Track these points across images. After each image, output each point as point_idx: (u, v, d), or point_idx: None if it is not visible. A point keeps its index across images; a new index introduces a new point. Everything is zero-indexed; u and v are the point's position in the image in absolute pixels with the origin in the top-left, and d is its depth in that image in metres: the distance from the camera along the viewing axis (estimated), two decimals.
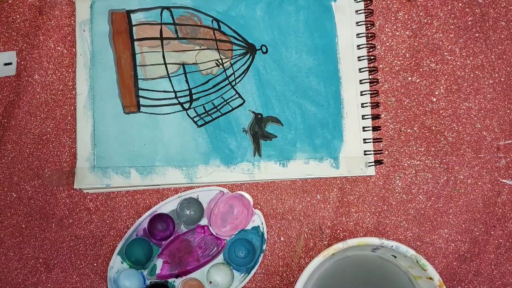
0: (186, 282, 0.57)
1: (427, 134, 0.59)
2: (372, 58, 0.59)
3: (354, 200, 0.59)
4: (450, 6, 0.60)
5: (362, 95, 0.59)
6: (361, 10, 0.59)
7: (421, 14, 0.60)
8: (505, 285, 0.59)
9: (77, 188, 0.57)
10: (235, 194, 0.58)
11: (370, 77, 0.59)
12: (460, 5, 0.60)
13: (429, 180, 0.59)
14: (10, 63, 0.58)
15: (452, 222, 0.59)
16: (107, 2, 0.58)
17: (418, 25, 0.60)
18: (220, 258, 0.58)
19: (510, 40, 0.60)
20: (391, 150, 0.59)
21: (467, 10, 0.60)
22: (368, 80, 0.59)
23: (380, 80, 0.60)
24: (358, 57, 0.59)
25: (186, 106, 0.58)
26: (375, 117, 0.59)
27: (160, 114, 0.58)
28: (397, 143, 0.59)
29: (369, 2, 0.60)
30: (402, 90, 0.60)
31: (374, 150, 0.58)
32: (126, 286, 0.56)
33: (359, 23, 0.59)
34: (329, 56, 0.59)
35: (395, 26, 0.60)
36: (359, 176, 0.59)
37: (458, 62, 0.60)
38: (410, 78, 0.60)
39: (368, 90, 0.59)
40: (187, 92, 0.58)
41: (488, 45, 0.60)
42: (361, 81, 0.59)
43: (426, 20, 0.60)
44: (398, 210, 0.59)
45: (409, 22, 0.60)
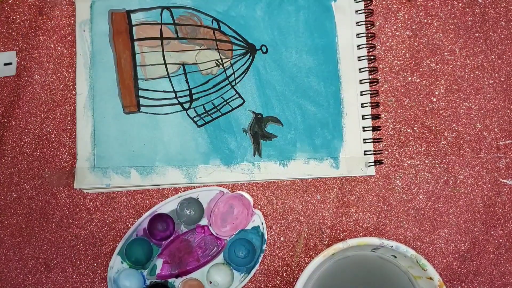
0: (186, 282, 0.57)
1: (427, 134, 0.59)
2: (372, 58, 0.59)
3: (354, 200, 0.59)
4: (450, 6, 0.60)
5: (362, 95, 0.59)
6: (361, 10, 0.59)
7: (421, 14, 0.60)
8: (505, 285, 0.59)
9: (77, 188, 0.57)
10: (235, 194, 0.58)
11: (370, 77, 0.59)
12: (460, 5, 0.60)
13: (429, 180, 0.59)
14: (10, 63, 0.58)
15: (452, 222, 0.59)
16: (107, 2, 0.58)
17: (418, 25, 0.60)
18: (220, 258, 0.58)
19: (510, 40, 0.60)
20: (391, 150, 0.59)
21: (467, 10, 0.60)
22: (368, 80, 0.59)
23: (380, 80, 0.60)
24: (358, 57, 0.59)
25: (186, 106, 0.58)
26: (375, 117, 0.59)
27: (160, 114, 0.58)
28: (397, 143, 0.59)
29: (369, 2, 0.60)
30: (402, 90, 0.60)
31: (374, 150, 0.58)
32: (126, 286, 0.56)
33: (359, 23, 0.59)
34: (329, 56, 0.59)
35: (395, 26, 0.60)
36: (359, 176, 0.59)
37: (458, 62, 0.60)
38: (410, 78, 0.60)
39: (368, 90, 0.59)
40: (187, 92, 0.58)
41: (488, 45, 0.60)
42: (361, 81, 0.59)
43: (426, 20, 0.60)
44: (398, 210, 0.59)
45: (409, 22, 0.60)
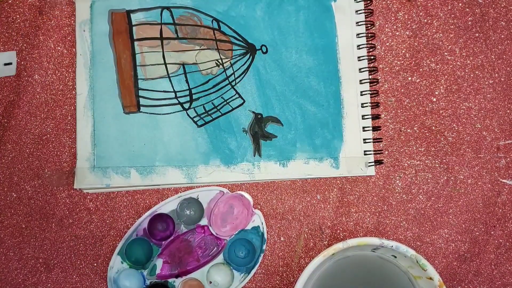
0: (186, 282, 0.57)
1: (427, 134, 0.59)
2: (372, 58, 0.59)
3: (354, 200, 0.59)
4: (450, 6, 0.60)
5: (362, 95, 0.59)
6: (361, 10, 0.59)
7: (421, 14, 0.60)
8: (505, 285, 0.59)
9: (77, 188, 0.57)
10: (235, 194, 0.58)
11: (370, 77, 0.59)
12: (460, 5, 0.60)
13: (429, 180, 0.59)
14: (10, 63, 0.58)
15: (452, 222, 0.59)
16: (107, 2, 0.58)
17: (418, 25, 0.60)
18: (220, 258, 0.58)
19: (510, 40, 0.60)
20: (391, 150, 0.59)
21: (467, 10, 0.60)
22: (368, 80, 0.59)
23: (380, 80, 0.60)
24: (358, 57, 0.59)
25: (186, 106, 0.58)
26: (375, 117, 0.59)
27: (160, 114, 0.58)
28: (397, 143, 0.59)
29: (369, 2, 0.60)
30: (402, 90, 0.60)
31: (374, 150, 0.58)
32: (126, 286, 0.56)
33: (359, 23, 0.59)
34: (329, 56, 0.59)
35: (395, 26, 0.60)
36: (359, 176, 0.59)
37: (458, 62, 0.60)
38: (410, 78, 0.60)
39: (368, 90, 0.59)
40: (187, 92, 0.58)
41: (488, 45, 0.60)
42: (361, 81, 0.59)
43: (426, 20, 0.60)
44: (398, 210, 0.59)
45: (409, 22, 0.60)
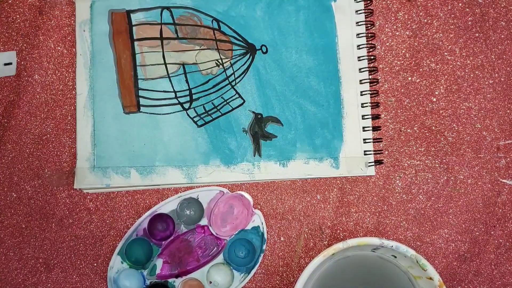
0: (186, 282, 0.57)
1: (427, 134, 0.59)
2: (372, 58, 0.59)
3: (354, 200, 0.59)
4: (450, 6, 0.60)
5: (362, 95, 0.59)
6: (361, 10, 0.59)
7: (421, 14, 0.60)
8: (505, 285, 0.59)
9: (77, 188, 0.57)
10: (235, 194, 0.58)
11: (370, 77, 0.59)
12: (460, 5, 0.60)
13: (429, 180, 0.59)
14: (10, 63, 0.58)
15: (452, 222, 0.59)
16: (107, 2, 0.58)
17: (418, 25, 0.60)
18: (220, 258, 0.58)
19: (510, 40, 0.60)
20: (391, 150, 0.59)
21: (467, 10, 0.60)
22: (368, 80, 0.59)
23: (380, 80, 0.60)
24: (358, 57, 0.59)
25: (186, 106, 0.58)
26: (375, 117, 0.59)
27: (160, 114, 0.58)
28: (397, 143, 0.59)
29: (369, 2, 0.60)
30: (402, 90, 0.60)
31: (374, 150, 0.58)
32: (126, 286, 0.56)
33: (359, 23, 0.59)
34: (329, 56, 0.59)
35: (395, 26, 0.60)
36: (359, 176, 0.59)
37: (458, 62, 0.60)
38: (410, 78, 0.60)
39: (368, 90, 0.59)
40: (187, 92, 0.58)
41: (488, 45, 0.60)
42: (361, 81, 0.59)
43: (426, 20, 0.60)
44: (398, 210, 0.59)
45: (409, 22, 0.60)
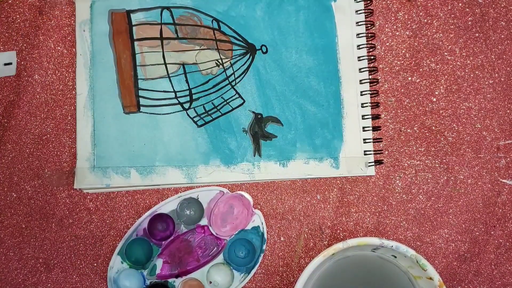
0: (186, 282, 0.57)
1: (427, 134, 0.59)
2: (372, 58, 0.59)
3: (354, 200, 0.59)
4: (450, 6, 0.60)
5: (362, 95, 0.59)
6: (361, 10, 0.59)
7: (421, 14, 0.60)
8: (505, 285, 0.59)
9: (77, 188, 0.57)
10: (235, 194, 0.58)
11: (370, 77, 0.59)
12: (460, 5, 0.60)
13: (429, 180, 0.59)
14: (10, 63, 0.58)
15: (452, 222, 0.59)
16: (107, 2, 0.58)
17: (418, 25, 0.60)
18: (220, 258, 0.58)
19: (510, 40, 0.60)
20: (391, 150, 0.59)
21: (467, 10, 0.60)
22: (368, 80, 0.59)
23: (380, 80, 0.60)
24: (358, 57, 0.59)
25: (186, 106, 0.58)
26: (375, 117, 0.59)
27: (160, 114, 0.58)
28: (397, 143, 0.59)
29: (369, 2, 0.60)
30: (402, 90, 0.60)
31: (374, 150, 0.58)
32: (126, 286, 0.56)
33: (359, 23, 0.59)
34: (329, 56, 0.59)
35: (395, 26, 0.60)
36: (359, 176, 0.59)
37: (458, 62, 0.60)
38: (410, 78, 0.60)
39: (368, 90, 0.59)
40: (187, 92, 0.58)
41: (488, 45, 0.60)
42: (361, 81, 0.59)
43: (426, 20, 0.60)
44: (398, 210, 0.59)
45: (409, 22, 0.60)
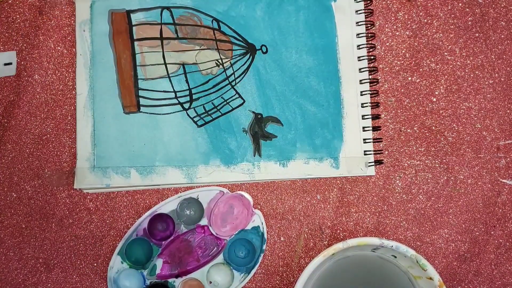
0: (186, 282, 0.57)
1: (427, 134, 0.59)
2: (372, 58, 0.59)
3: (354, 200, 0.59)
4: (450, 6, 0.60)
5: (362, 95, 0.59)
6: (361, 10, 0.59)
7: (421, 14, 0.60)
8: (505, 285, 0.59)
9: (77, 188, 0.57)
10: (235, 194, 0.58)
11: (370, 77, 0.59)
12: (460, 5, 0.60)
13: (429, 180, 0.59)
14: (10, 63, 0.58)
15: (452, 222, 0.59)
16: (107, 2, 0.58)
17: (418, 25, 0.60)
18: (220, 258, 0.58)
19: (510, 40, 0.60)
20: (391, 150, 0.59)
21: (467, 10, 0.60)
22: (368, 80, 0.59)
23: (380, 80, 0.60)
24: (358, 57, 0.59)
25: (186, 106, 0.58)
26: (375, 117, 0.59)
27: (160, 114, 0.58)
28: (397, 143, 0.59)
29: (369, 2, 0.60)
30: (402, 90, 0.60)
31: (374, 150, 0.58)
32: (126, 286, 0.56)
33: (359, 23, 0.59)
34: (329, 56, 0.59)
35: (395, 26, 0.60)
36: (359, 176, 0.59)
37: (458, 62, 0.60)
38: (410, 78, 0.60)
39: (368, 90, 0.59)
40: (187, 92, 0.58)
41: (488, 45, 0.60)
42: (361, 81, 0.59)
43: (426, 20, 0.60)
44: (398, 210, 0.59)
45: (409, 22, 0.60)
